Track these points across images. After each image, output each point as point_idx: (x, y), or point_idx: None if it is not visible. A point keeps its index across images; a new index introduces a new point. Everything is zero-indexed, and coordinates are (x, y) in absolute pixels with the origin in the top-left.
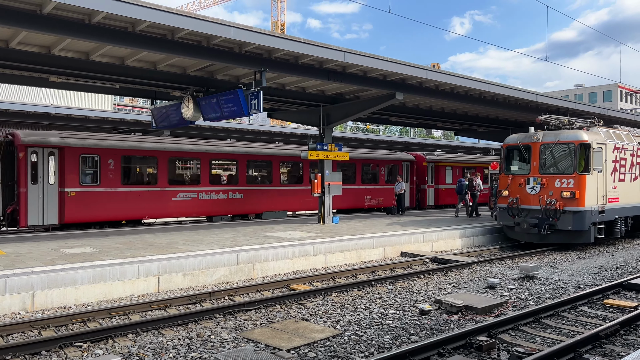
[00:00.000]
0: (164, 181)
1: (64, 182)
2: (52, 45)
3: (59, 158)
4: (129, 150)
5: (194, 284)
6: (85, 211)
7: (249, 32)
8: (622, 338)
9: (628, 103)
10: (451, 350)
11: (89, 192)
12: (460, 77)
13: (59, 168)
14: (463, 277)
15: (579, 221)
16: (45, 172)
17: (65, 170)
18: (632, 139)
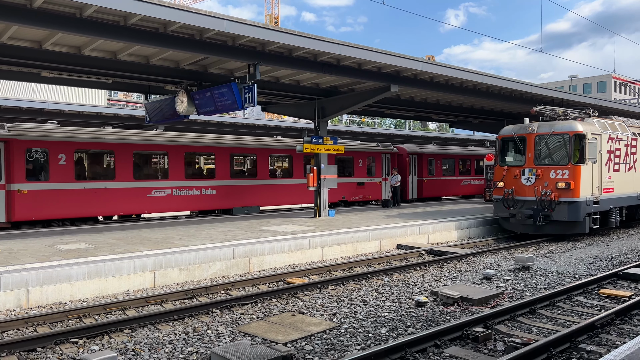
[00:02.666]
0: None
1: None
2: (43, 40)
3: None
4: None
5: (190, 278)
6: None
7: (242, 25)
8: (617, 327)
9: (622, 94)
10: (448, 342)
11: None
12: (455, 68)
13: None
14: (459, 269)
15: (574, 212)
16: None
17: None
18: (626, 129)
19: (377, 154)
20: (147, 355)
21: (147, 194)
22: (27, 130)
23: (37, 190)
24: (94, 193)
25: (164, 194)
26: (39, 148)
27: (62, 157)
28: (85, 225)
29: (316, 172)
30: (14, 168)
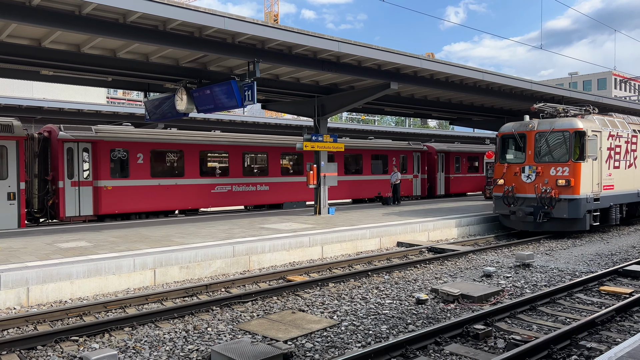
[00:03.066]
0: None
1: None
2: (42, 38)
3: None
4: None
5: (190, 276)
6: None
7: (241, 23)
8: (618, 324)
9: (622, 90)
10: (448, 339)
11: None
12: (455, 66)
13: None
14: (459, 266)
15: (574, 209)
16: None
17: None
18: (626, 126)
19: (409, 152)
20: (148, 353)
21: (211, 190)
22: (110, 132)
23: (120, 186)
24: (166, 189)
25: (225, 190)
26: (121, 148)
27: (140, 157)
28: (157, 219)
29: (316, 170)
30: (100, 166)
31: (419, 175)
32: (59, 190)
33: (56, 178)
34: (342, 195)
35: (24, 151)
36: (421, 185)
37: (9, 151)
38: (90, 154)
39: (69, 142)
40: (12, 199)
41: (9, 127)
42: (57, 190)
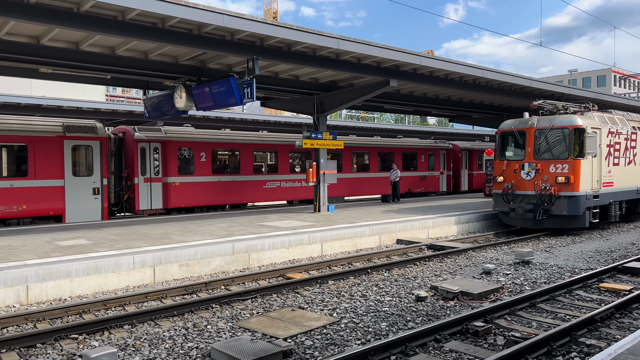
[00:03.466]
0: None
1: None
2: (41, 35)
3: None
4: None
5: (189, 274)
6: None
7: (240, 20)
8: (617, 321)
9: (622, 87)
10: (448, 336)
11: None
12: (455, 63)
13: None
14: (459, 263)
15: (574, 206)
16: None
17: None
18: (626, 123)
19: (436, 150)
20: (147, 350)
21: (263, 186)
22: (178, 133)
23: (186, 182)
24: (225, 185)
25: (274, 185)
26: (187, 148)
27: (202, 155)
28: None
29: (316, 168)
30: (169, 164)
31: (445, 172)
32: (134, 186)
33: (131, 175)
34: (374, 191)
35: (106, 150)
36: (447, 182)
37: (94, 150)
38: (159, 153)
39: (142, 142)
40: (96, 194)
41: (93, 128)
42: (132, 186)
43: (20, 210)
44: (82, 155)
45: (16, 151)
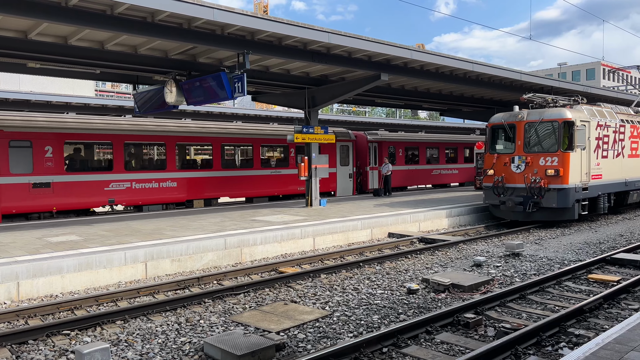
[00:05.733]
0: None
1: None
2: (28, 30)
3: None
4: None
5: (182, 269)
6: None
7: (230, 14)
8: (605, 312)
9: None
10: (439, 328)
11: None
12: (445, 56)
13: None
14: (450, 256)
15: (563, 198)
16: None
17: None
18: (614, 116)
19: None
20: (140, 346)
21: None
22: (388, 135)
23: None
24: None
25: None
26: (393, 145)
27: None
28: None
29: (307, 162)
30: (382, 157)
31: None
32: (365, 173)
33: (362, 165)
34: (428, 181)
35: (355, 149)
36: None
37: (349, 149)
38: (377, 150)
39: (371, 143)
40: (350, 178)
41: (348, 134)
42: (363, 172)
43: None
44: (344, 152)
45: None
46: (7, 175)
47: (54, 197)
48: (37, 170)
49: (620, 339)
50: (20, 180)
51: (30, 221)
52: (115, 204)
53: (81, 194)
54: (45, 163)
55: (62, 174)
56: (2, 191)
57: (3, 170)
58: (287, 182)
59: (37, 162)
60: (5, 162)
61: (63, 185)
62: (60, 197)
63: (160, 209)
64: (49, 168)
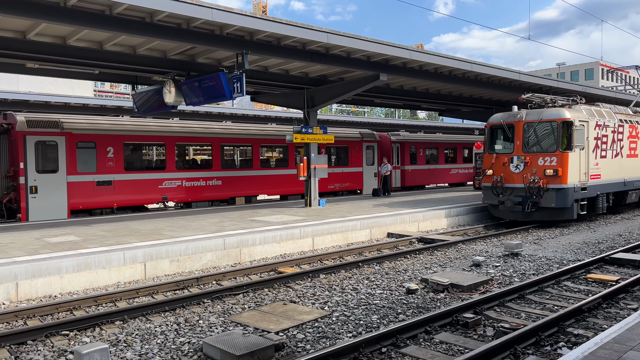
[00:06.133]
0: None
1: None
2: (27, 30)
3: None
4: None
5: (181, 269)
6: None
7: (229, 14)
8: (604, 311)
9: (609, 81)
10: (438, 328)
11: None
12: (444, 57)
13: None
14: (449, 256)
15: (562, 198)
16: None
17: None
18: (613, 116)
19: None
20: (139, 346)
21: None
22: (409, 137)
23: (413, 169)
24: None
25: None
26: (414, 146)
27: (421, 151)
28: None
29: (306, 162)
30: (405, 157)
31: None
32: (390, 172)
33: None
34: (446, 180)
35: (379, 149)
36: None
37: (375, 149)
38: (400, 150)
39: (394, 143)
40: (375, 177)
41: (374, 134)
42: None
43: (344, 186)
44: (370, 152)
45: (342, 150)
46: (75, 174)
47: (114, 194)
48: (101, 170)
49: (619, 339)
50: (86, 179)
51: (29, 222)
52: (168, 201)
53: (138, 191)
54: (107, 163)
55: (122, 173)
56: (71, 189)
57: (72, 169)
58: (344, 179)
59: (100, 162)
60: (74, 162)
61: (123, 183)
62: (120, 194)
63: (207, 206)
64: (110, 167)
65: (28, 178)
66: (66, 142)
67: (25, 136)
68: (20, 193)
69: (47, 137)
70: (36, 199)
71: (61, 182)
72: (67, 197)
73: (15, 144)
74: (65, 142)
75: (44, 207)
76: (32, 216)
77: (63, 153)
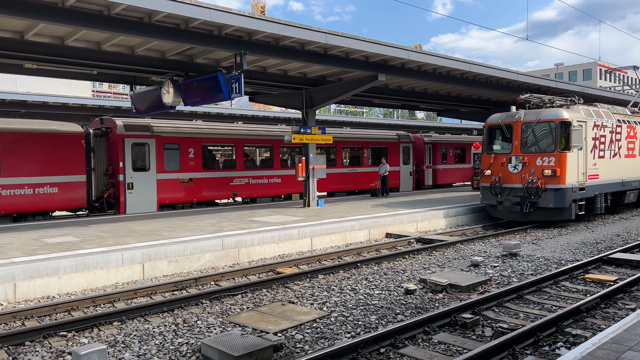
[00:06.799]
0: None
1: None
2: (25, 31)
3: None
4: None
5: (179, 270)
6: None
7: (228, 14)
8: (602, 311)
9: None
10: (436, 328)
11: None
12: (442, 57)
13: None
14: (447, 256)
15: (560, 198)
16: None
17: None
18: (611, 116)
19: None
20: (137, 347)
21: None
22: (439, 137)
23: (443, 169)
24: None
25: None
26: (444, 146)
27: (451, 151)
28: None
29: (305, 162)
30: (436, 156)
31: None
32: (422, 171)
33: (419, 164)
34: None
35: (414, 149)
36: None
37: (411, 149)
38: (432, 150)
39: (427, 144)
40: (410, 175)
41: (409, 136)
42: (420, 170)
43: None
44: (406, 152)
45: (379, 150)
46: (162, 172)
47: (194, 191)
48: (183, 168)
49: (617, 339)
50: (171, 177)
51: (28, 222)
52: (237, 197)
53: (213, 188)
54: (188, 162)
55: (200, 172)
56: (160, 185)
57: (160, 168)
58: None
59: (183, 161)
60: (162, 162)
61: (201, 180)
62: (199, 191)
63: (269, 201)
64: (191, 167)
65: (126, 175)
66: (156, 144)
67: (124, 139)
68: (120, 189)
69: (140, 139)
70: (132, 194)
71: (152, 180)
72: (157, 193)
73: (114, 146)
74: (155, 144)
75: (139, 202)
76: (128, 209)
77: (153, 154)
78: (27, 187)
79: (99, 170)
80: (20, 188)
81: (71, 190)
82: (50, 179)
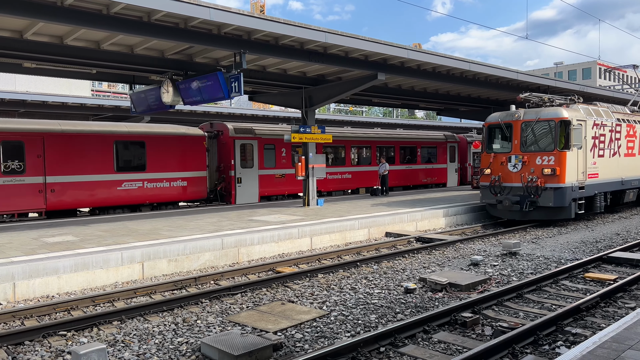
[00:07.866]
0: None
1: None
2: (24, 30)
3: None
4: None
5: (178, 269)
6: None
7: (227, 13)
8: (602, 310)
9: (607, 80)
10: (436, 327)
11: None
12: (442, 56)
13: None
14: (447, 256)
15: (560, 197)
16: None
17: None
18: (611, 115)
19: None
20: (137, 346)
21: None
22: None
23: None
24: None
25: None
26: None
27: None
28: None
29: (304, 162)
30: (462, 155)
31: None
32: (465, 168)
33: (462, 162)
34: None
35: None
36: None
37: (455, 149)
38: (457, 150)
39: (469, 144)
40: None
41: (454, 136)
42: (463, 168)
43: (433, 180)
44: (452, 151)
45: (431, 150)
46: (263, 169)
47: (285, 185)
48: (278, 166)
49: (617, 338)
50: (269, 172)
51: (27, 221)
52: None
53: (297, 182)
54: (281, 160)
55: (290, 168)
56: (261, 180)
57: (261, 165)
58: (434, 174)
59: (277, 160)
60: (262, 160)
61: (291, 176)
62: (288, 185)
63: (341, 194)
64: (283, 164)
65: (236, 172)
66: (257, 145)
67: (235, 140)
68: (231, 183)
69: (246, 140)
70: (240, 187)
71: (255, 175)
72: (259, 187)
73: (225, 146)
74: (257, 144)
75: (245, 194)
76: (238, 200)
77: (256, 153)
78: (165, 181)
79: (212, 166)
80: (160, 182)
81: (196, 184)
82: (181, 174)
